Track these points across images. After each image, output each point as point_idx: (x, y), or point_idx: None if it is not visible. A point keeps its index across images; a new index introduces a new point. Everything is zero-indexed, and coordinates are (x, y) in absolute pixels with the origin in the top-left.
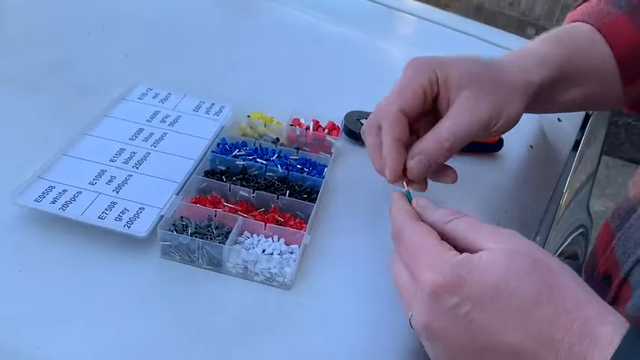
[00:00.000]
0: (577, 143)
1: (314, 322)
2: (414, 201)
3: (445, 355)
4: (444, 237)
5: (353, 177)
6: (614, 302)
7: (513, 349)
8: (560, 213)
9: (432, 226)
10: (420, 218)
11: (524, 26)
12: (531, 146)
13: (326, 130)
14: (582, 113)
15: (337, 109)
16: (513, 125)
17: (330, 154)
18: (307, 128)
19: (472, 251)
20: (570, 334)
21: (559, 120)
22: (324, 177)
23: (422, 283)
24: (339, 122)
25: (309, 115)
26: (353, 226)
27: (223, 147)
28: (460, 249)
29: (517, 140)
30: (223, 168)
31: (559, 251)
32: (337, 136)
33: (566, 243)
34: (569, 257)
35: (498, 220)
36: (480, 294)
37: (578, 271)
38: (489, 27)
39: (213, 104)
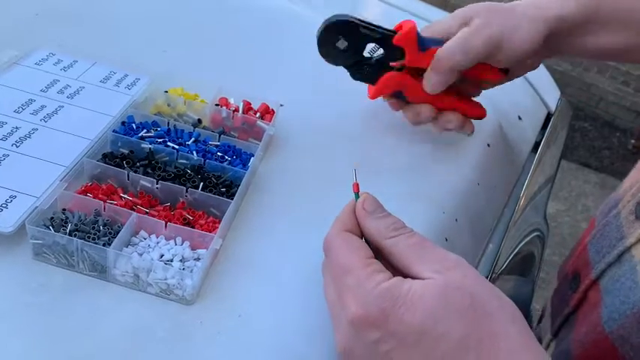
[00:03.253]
0: (537, 145)
1: (218, 345)
2: (359, 201)
3: None
4: (381, 252)
5: (287, 171)
6: (581, 304)
7: None
8: (516, 217)
9: (370, 237)
10: (360, 223)
11: None
12: (489, 144)
13: (258, 114)
14: (544, 113)
15: (274, 91)
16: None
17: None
18: (236, 110)
19: (407, 275)
20: None
21: (519, 118)
22: (248, 168)
23: (345, 309)
24: (274, 106)
25: (241, 94)
26: (280, 228)
27: (129, 126)
28: (395, 269)
29: (474, 137)
30: (126, 151)
31: (513, 253)
32: (271, 121)
33: (522, 243)
34: (524, 259)
35: (446, 229)
36: (403, 333)
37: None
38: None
39: (126, 75)
